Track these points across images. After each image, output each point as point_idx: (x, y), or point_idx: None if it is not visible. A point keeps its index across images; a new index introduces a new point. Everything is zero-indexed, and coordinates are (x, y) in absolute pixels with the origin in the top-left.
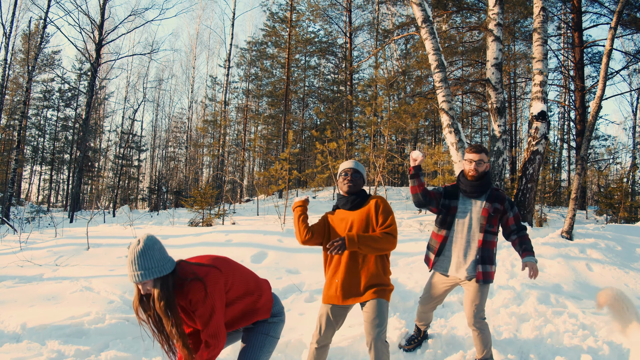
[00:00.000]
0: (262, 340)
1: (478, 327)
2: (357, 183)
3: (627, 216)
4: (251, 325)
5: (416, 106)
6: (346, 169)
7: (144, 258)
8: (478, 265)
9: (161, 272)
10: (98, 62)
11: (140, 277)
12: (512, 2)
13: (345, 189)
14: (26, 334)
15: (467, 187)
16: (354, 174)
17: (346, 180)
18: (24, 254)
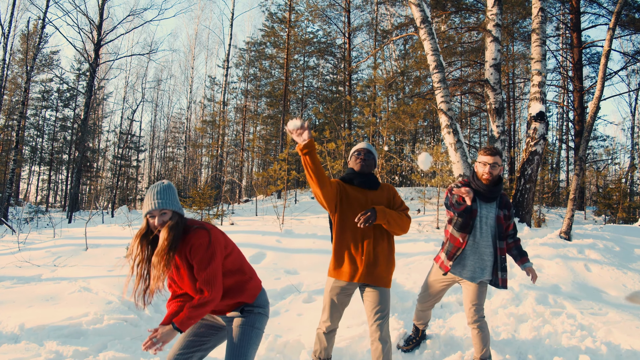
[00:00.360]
0: (249, 333)
1: (478, 326)
2: (370, 164)
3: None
4: (237, 314)
5: (415, 107)
6: (359, 149)
7: (167, 192)
8: (499, 272)
9: (177, 207)
10: (97, 62)
11: (161, 205)
12: (511, 3)
13: (358, 167)
14: (24, 335)
15: (484, 192)
16: (367, 154)
17: (359, 160)
18: (22, 254)
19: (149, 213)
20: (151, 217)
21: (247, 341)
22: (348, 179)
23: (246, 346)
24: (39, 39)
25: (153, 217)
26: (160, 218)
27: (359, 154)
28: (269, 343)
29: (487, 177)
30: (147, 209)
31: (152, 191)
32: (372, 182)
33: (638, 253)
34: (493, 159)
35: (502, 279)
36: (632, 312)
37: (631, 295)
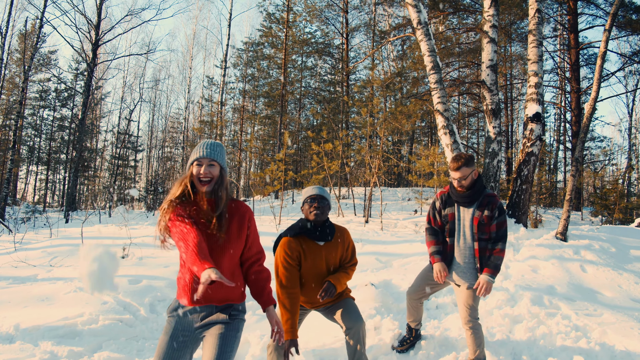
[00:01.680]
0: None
1: (471, 327)
2: (325, 211)
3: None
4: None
5: (412, 107)
6: (312, 196)
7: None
8: (479, 274)
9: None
10: (94, 62)
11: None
12: (508, 4)
13: (313, 217)
14: (19, 335)
15: (458, 198)
16: (321, 201)
17: (313, 208)
18: (18, 254)
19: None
20: (198, 164)
21: (231, 347)
22: (302, 232)
23: (230, 352)
24: (36, 38)
25: (200, 165)
26: (208, 168)
27: (312, 201)
28: (264, 343)
29: (461, 190)
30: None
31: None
32: (327, 234)
33: (634, 254)
34: (459, 174)
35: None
36: (627, 313)
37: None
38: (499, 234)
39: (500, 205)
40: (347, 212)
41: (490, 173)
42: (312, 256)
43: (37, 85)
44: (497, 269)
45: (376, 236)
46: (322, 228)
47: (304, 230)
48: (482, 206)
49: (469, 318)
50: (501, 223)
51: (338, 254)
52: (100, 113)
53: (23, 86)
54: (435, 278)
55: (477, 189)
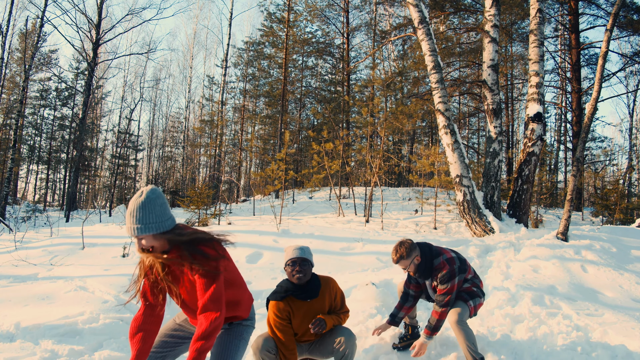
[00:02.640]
0: (237, 344)
1: (459, 327)
2: (307, 272)
3: (623, 218)
4: (226, 325)
5: (413, 107)
6: (293, 259)
7: (144, 211)
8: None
9: (158, 229)
10: (95, 61)
11: (137, 231)
12: (509, 4)
13: (296, 281)
14: (20, 334)
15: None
16: (302, 264)
17: (295, 272)
18: (18, 253)
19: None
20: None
21: (234, 350)
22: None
23: (234, 356)
24: (37, 37)
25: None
26: (140, 242)
27: (294, 264)
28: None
29: (412, 274)
30: (127, 232)
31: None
32: (312, 292)
33: (635, 254)
34: (402, 265)
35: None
36: (628, 313)
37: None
38: (438, 298)
39: (443, 276)
40: (347, 212)
41: (491, 173)
42: (300, 314)
43: (38, 84)
44: (433, 330)
45: (377, 236)
46: (307, 287)
47: (289, 292)
48: (433, 279)
49: (457, 320)
50: (441, 289)
51: (326, 306)
52: (101, 112)
53: (24, 85)
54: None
55: (424, 270)
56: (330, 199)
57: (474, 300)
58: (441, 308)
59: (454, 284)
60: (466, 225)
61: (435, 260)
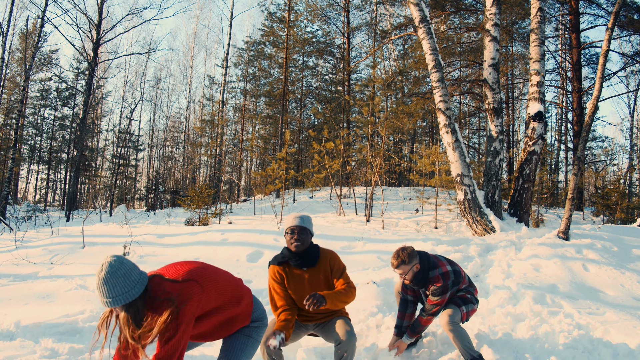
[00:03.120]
0: (244, 341)
1: (451, 330)
2: (305, 240)
3: (623, 217)
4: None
5: (413, 106)
6: (292, 227)
7: (109, 285)
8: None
9: (127, 299)
10: (95, 61)
11: (109, 304)
12: (510, 3)
13: (293, 249)
14: (20, 332)
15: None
16: (300, 232)
17: (293, 240)
18: (19, 252)
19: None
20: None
21: (241, 349)
22: (285, 261)
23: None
24: (37, 37)
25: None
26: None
27: (292, 232)
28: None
29: (407, 282)
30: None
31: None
32: (309, 261)
33: (636, 253)
34: (401, 270)
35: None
36: (629, 311)
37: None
38: (427, 306)
39: (435, 289)
40: (348, 212)
41: (492, 172)
42: (294, 282)
43: (38, 84)
44: (415, 332)
45: (377, 235)
46: (304, 256)
47: (287, 258)
48: (427, 288)
49: (448, 321)
50: (432, 300)
51: (321, 278)
52: (102, 112)
53: (24, 85)
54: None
55: (420, 280)
56: (331, 198)
57: (467, 306)
58: (427, 316)
59: (444, 298)
60: (467, 225)
61: (431, 272)
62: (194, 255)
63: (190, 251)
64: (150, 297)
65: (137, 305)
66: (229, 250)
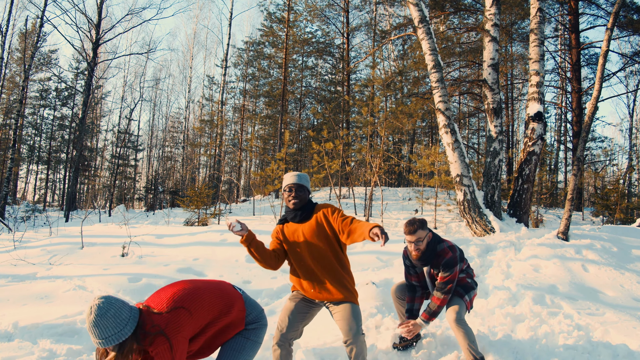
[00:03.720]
0: (242, 343)
1: (458, 326)
2: (302, 198)
3: (623, 217)
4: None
5: (413, 106)
6: (290, 185)
7: (100, 328)
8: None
9: (119, 339)
10: (95, 61)
11: (102, 345)
12: (509, 3)
13: (291, 206)
14: (18, 333)
15: (417, 263)
16: (298, 190)
17: (291, 197)
18: (17, 252)
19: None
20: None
21: (239, 351)
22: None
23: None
24: (37, 37)
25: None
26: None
27: (290, 190)
28: (264, 343)
29: (416, 254)
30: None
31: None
32: (305, 216)
33: (635, 254)
34: (415, 237)
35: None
36: (629, 312)
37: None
38: (440, 284)
39: (446, 262)
40: (348, 212)
41: (492, 172)
42: (291, 235)
43: (38, 84)
44: (432, 315)
45: None
46: (301, 211)
47: (288, 217)
48: (434, 265)
49: (455, 318)
50: (443, 277)
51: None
52: (101, 112)
53: (23, 85)
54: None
55: (428, 254)
56: (330, 198)
57: (469, 293)
58: (443, 295)
59: (455, 271)
60: (466, 225)
61: (439, 246)
62: (193, 255)
63: (189, 252)
64: (143, 332)
65: (130, 343)
66: (228, 250)
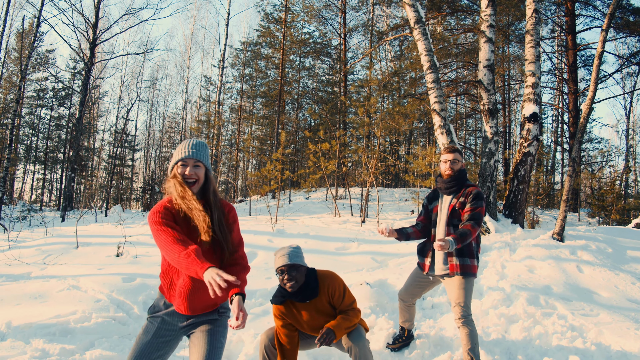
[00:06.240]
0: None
1: (464, 323)
2: (299, 278)
3: (619, 218)
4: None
5: (409, 107)
6: (281, 267)
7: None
8: (450, 258)
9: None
10: (92, 61)
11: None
12: (506, 4)
13: (289, 289)
14: (11, 333)
15: (441, 185)
16: (290, 271)
17: (285, 280)
18: (12, 252)
19: (181, 160)
20: (183, 165)
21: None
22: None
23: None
24: (34, 37)
25: (185, 166)
26: (193, 169)
27: (282, 273)
28: (257, 342)
29: (449, 172)
30: (184, 154)
31: (189, 140)
32: (309, 294)
33: (630, 255)
34: (453, 156)
35: (452, 264)
36: (623, 313)
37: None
38: (471, 215)
39: (478, 193)
40: (344, 212)
41: (487, 173)
42: (306, 314)
43: (35, 84)
44: (462, 237)
45: (372, 236)
46: (304, 290)
47: (286, 297)
48: (460, 195)
49: (460, 314)
50: (475, 207)
51: (325, 304)
52: (98, 112)
53: (20, 85)
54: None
55: (461, 179)
56: (327, 199)
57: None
58: (476, 225)
59: (484, 206)
60: None
61: (468, 181)
62: None
63: None
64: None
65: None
66: None
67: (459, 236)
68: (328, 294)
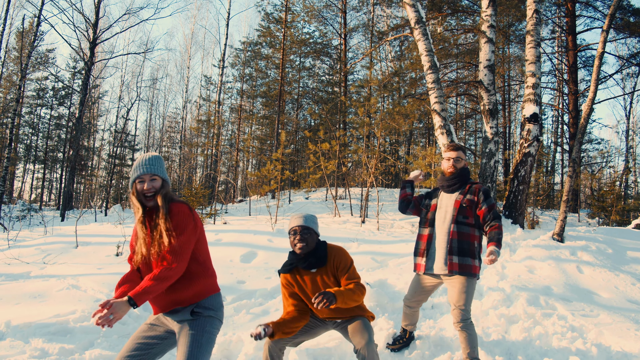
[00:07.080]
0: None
1: (463, 327)
2: (310, 241)
3: (619, 219)
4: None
5: (409, 107)
6: (295, 227)
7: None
8: (450, 257)
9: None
10: (92, 60)
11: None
12: (506, 5)
13: (298, 251)
14: (10, 332)
15: (443, 182)
16: (303, 232)
17: (297, 241)
18: (11, 251)
19: (138, 177)
20: (140, 182)
21: (197, 347)
22: (294, 266)
23: (197, 353)
24: (34, 36)
25: (142, 182)
26: (150, 183)
27: (295, 234)
28: (257, 343)
29: (451, 170)
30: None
31: (141, 158)
32: (317, 261)
33: (630, 255)
34: (456, 154)
35: (452, 262)
36: (623, 314)
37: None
38: (492, 214)
39: (486, 190)
40: (343, 212)
41: (487, 173)
42: (306, 286)
43: (35, 83)
44: (500, 242)
45: (372, 236)
46: (311, 256)
47: (294, 263)
48: (465, 192)
49: (459, 317)
50: (490, 206)
51: (331, 277)
52: (98, 112)
53: (20, 84)
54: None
55: (464, 176)
56: (327, 199)
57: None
58: (498, 220)
59: (494, 202)
60: None
61: (471, 179)
62: None
63: None
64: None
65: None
66: (222, 250)
67: (496, 241)
68: (334, 265)
